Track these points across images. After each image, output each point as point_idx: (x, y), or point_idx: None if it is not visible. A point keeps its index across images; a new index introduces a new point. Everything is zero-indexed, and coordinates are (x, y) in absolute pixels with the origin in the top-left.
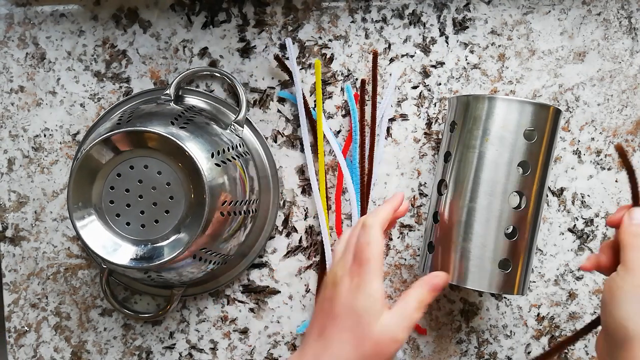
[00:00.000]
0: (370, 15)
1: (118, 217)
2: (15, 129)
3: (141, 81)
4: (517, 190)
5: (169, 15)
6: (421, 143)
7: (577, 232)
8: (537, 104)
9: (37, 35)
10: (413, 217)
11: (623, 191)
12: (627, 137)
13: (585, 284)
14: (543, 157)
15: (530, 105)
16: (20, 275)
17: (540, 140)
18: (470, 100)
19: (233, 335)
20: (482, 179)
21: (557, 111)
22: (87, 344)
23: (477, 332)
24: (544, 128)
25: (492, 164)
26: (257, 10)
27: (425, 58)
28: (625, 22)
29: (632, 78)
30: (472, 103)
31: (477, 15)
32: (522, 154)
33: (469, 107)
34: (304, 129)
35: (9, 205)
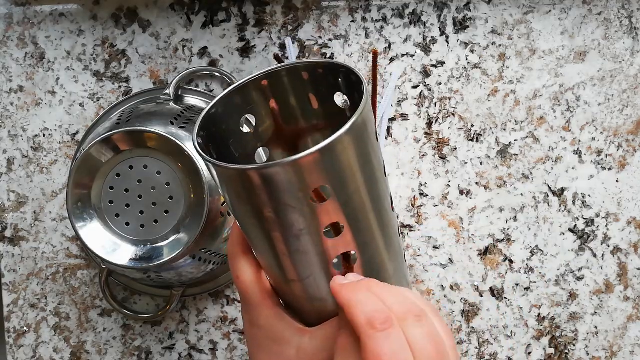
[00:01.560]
0: (371, 14)
1: (117, 217)
2: (14, 128)
3: (140, 81)
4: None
5: (169, 15)
6: (421, 143)
7: (577, 232)
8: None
9: (36, 35)
10: (413, 217)
11: (624, 191)
12: (627, 137)
13: (586, 285)
14: (352, 194)
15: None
16: (20, 275)
17: (342, 186)
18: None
19: (233, 336)
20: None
21: (351, 132)
22: (86, 345)
23: (477, 332)
24: (341, 174)
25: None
26: (257, 9)
27: (426, 57)
28: (626, 22)
29: (633, 78)
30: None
31: (477, 14)
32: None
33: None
34: None
35: (8, 205)
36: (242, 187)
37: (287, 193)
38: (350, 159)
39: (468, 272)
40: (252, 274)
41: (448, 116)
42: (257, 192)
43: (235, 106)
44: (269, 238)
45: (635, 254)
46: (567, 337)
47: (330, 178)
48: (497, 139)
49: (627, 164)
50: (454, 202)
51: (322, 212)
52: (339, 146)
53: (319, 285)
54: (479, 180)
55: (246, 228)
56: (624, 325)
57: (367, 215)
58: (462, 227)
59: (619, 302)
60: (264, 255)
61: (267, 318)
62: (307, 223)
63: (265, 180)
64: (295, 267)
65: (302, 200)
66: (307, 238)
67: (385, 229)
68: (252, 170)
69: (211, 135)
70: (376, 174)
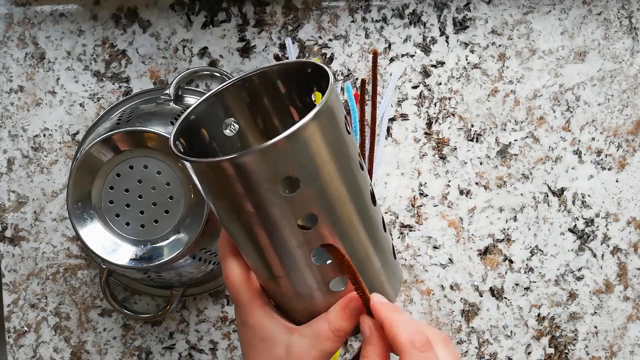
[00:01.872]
0: (371, 14)
1: (117, 217)
2: (14, 128)
3: (141, 81)
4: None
5: (169, 15)
6: (421, 143)
7: (577, 232)
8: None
9: (36, 35)
10: (413, 218)
11: (624, 191)
12: (627, 137)
13: (586, 284)
14: (327, 181)
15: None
16: (20, 275)
17: (312, 175)
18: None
19: (233, 336)
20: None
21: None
22: (86, 344)
23: (477, 332)
24: (311, 159)
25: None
26: (257, 9)
27: (426, 58)
28: (625, 22)
29: (633, 78)
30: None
31: (477, 14)
32: (292, 210)
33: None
34: None
35: (8, 205)
36: (216, 180)
37: (259, 183)
38: (319, 148)
39: (468, 272)
40: (240, 273)
41: (448, 116)
42: (230, 184)
43: (214, 113)
44: (249, 233)
45: (635, 254)
46: (567, 337)
47: (299, 167)
48: (497, 139)
49: (627, 164)
50: (454, 202)
51: (294, 202)
52: (305, 133)
53: (304, 280)
54: (478, 180)
55: (227, 225)
56: (624, 325)
57: (345, 206)
58: (462, 227)
59: (619, 302)
60: (248, 252)
61: (257, 317)
62: (281, 214)
63: (235, 171)
64: (278, 262)
65: (272, 190)
66: (284, 230)
67: (368, 222)
68: (222, 161)
69: (193, 142)
70: (350, 165)
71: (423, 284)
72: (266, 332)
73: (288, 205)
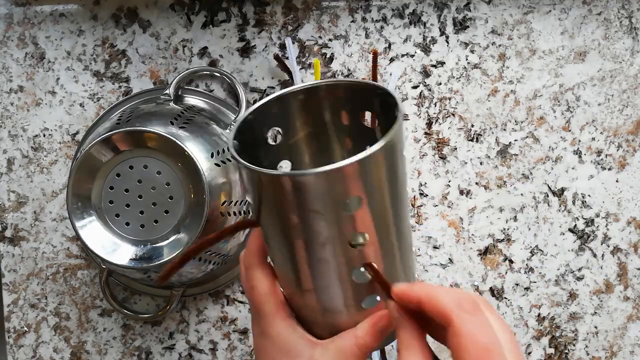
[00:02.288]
0: (371, 14)
1: (117, 217)
2: (14, 128)
3: (141, 81)
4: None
5: (169, 15)
6: (421, 143)
7: (577, 232)
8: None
9: (36, 35)
10: (413, 217)
11: (624, 191)
12: (627, 137)
13: (586, 284)
14: (382, 203)
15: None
16: (20, 275)
17: (369, 199)
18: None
19: (233, 336)
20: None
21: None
22: (86, 345)
23: None
24: (373, 182)
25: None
26: (257, 9)
27: (426, 58)
28: (625, 22)
29: (633, 78)
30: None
31: (477, 14)
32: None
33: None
34: None
35: (8, 205)
36: (274, 193)
37: (318, 201)
38: (381, 175)
39: (468, 272)
40: (267, 284)
41: (448, 116)
42: (288, 199)
43: (271, 115)
44: (291, 245)
45: (635, 254)
46: (567, 337)
47: (362, 189)
48: (497, 139)
49: (627, 164)
50: (454, 202)
51: (351, 221)
52: (368, 163)
53: (335, 296)
54: (479, 180)
55: (270, 235)
56: (624, 325)
57: (390, 228)
58: (462, 227)
59: (619, 302)
60: (283, 264)
61: (280, 329)
62: (334, 232)
63: (299, 187)
64: (313, 276)
65: (332, 208)
66: (331, 247)
67: (405, 244)
68: (282, 175)
69: (245, 140)
70: (400, 188)
71: None
72: (288, 344)
73: (337, 225)
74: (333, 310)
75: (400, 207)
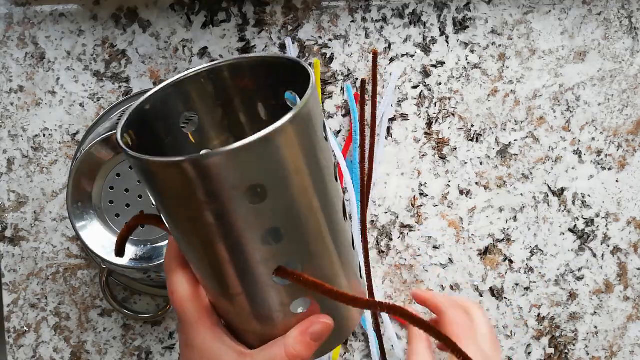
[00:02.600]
0: (371, 14)
1: (117, 217)
2: (14, 128)
3: (141, 81)
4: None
5: (169, 15)
6: (421, 143)
7: (577, 232)
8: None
9: (36, 35)
10: (413, 218)
11: (624, 191)
12: (627, 137)
13: (586, 284)
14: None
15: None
16: (20, 275)
17: (283, 185)
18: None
19: None
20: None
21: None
22: (86, 345)
23: None
24: (280, 168)
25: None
26: (257, 9)
27: (426, 58)
28: (625, 22)
29: (633, 78)
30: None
31: (477, 14)
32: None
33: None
34: None
35: (8, 205)
36: (173, 183)
37: (222, 189)
38: (293, 155)
39: (468, 272)
40: (188, 289)
41: (448, 116)
42: (188, 189)
43: (172, 104)
44: (204, 245)
45: (635, 254)
46: (567, 337)
47: (270, 174)
48: (497, 139)
49: (627, 164)
50: (454, 202)
51: (260, 213)
52: (279, 137)
53: (263, 300)
54: (479, 180)
55: (179, 235)
56: (624, 325)
57: (315, 221)
58: (462, 227)
59: (619, 302)
60: (200, 266)
61: (204, 338)
62: (244, 226)
63: (197, 174)
64: (235, 278)
65: (237, 198)
66: (246, 244)
67: (338, 238)
68: (182, 161)
69: (144, 135)
70: (325, 176)
71: (423, 284)
72: (214, 355)
73: (253, 216)
74: (261, 316)
75: (326, 196)
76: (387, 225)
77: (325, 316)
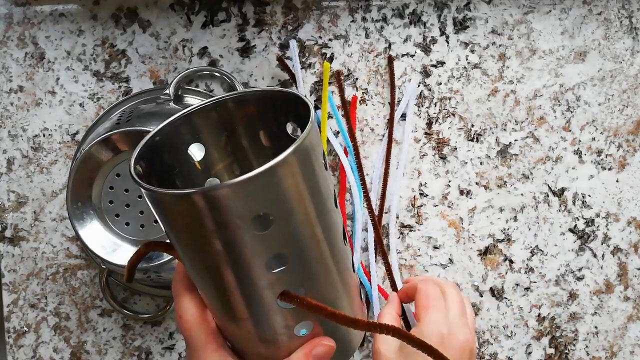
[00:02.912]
0: (371, 14)
1: (117, 217)
2: (14, 128)
3: (140, 81)
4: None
5: (169, 15)
6: (421, 143)
7: (577, 232)
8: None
9: (36, 35)
10: (413, 218)
11: (624, 191)
12: (627, 137)
13: (586, 285)
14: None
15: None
16: (20, 275)
17: (287, 214)
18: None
19: None
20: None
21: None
22: (86, 345)
23: (477, 332)
24: (284, 197)
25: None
26: (256, 9)
27: (426, 57)
28: (626, 22)
29: (633, 78)
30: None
31: (477, 14)
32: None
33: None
34: None
35: (8, 205)
36: (182, 213)
37: (230, 219)
38: (296, 185)
39: (468, 272)
40: (196, 312)
41: (448, 116)
42: (198, 219)
43: (180, 135)
44: (212, 271)
45: (635, 254)
46: (567, 337)
47: (274, 204)
48: (497, 139)
49: (627, 164)
50: (454, 202)
51: (265, 241)
52: (283, 169)
53: (268, 323)
54: (479, 180)
55: (187, 261)
56: (624, 325)
57: (317, 247)
58: (462, 227)
59: (619, 302)
60: (207, 291)
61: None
62: (250, 254)
63: (206, 205)
64: (241, 303)
65: (243, 228)
66: (252, 270)
67: (339, 263)
68: (192, 193)
69: (154, 165)
70: (326, 204)
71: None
72: None
73: (259, 243)
74: (265, 339)
75: (327, 223)
76: (387, 226)
77: (327, 338)
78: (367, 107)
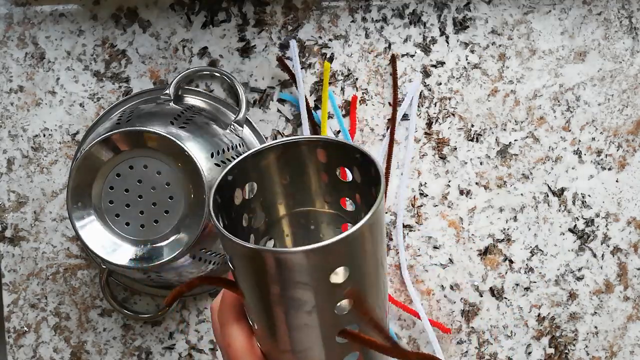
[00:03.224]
0: (371, 14)
1: (117, 217)
2: (14, 128)
3: (141, 81)
4: None
5: (169, 15)
6: (421, 143)
7: (577, 232)
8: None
9: (36, 35)
10: (413, 218)
11: (624, 191)
12: (627, 137)
13: (586, 285)
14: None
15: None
16: (20, 275)
17: (355, 270)
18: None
19: None
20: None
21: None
22: (86, 345)
23: (477, 332)
24: (358, 250)
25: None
26: (257, 9)
27: (426, 58)
28: (626, 22)
29: (633, 78)
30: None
31: (477, 14)
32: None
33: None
34: (305, 132)
35: (8, 205)
36: (256, 265)
37: (302, 275)
38: (366, 245)
39: (468, 272)
40: (244, 341)
41: (448, 116)
42: (270, 272)
43: (246, 172)
44: (272, 311)
45: (635, 254)
46: (567, 337)
47: (348, 261)
48: (497, 139)
49: (627, 164)
50: (454, 202)
51: (336, 291)
52: (359, 235)
53: (320, 357)
54: (479, 180)
55: (249, 299)
56: (624, 325)
57: (373, 289)
58: (462, 227)
59: (619, 302)
60: (265, 325)
61: None
62: (317, 302)
63: (282, 263)
64: (293, 340)
65: (315, 281)
66: (314, 315)
67: (386, 295)
68: (265, 251)
69: (220, 201)
70: (384, 254)
71: (423, 284)
72: None
73: (329, 293)
74: None
75: (382, 267)
76: (387, 226)
77: None
78: (367, 107)
